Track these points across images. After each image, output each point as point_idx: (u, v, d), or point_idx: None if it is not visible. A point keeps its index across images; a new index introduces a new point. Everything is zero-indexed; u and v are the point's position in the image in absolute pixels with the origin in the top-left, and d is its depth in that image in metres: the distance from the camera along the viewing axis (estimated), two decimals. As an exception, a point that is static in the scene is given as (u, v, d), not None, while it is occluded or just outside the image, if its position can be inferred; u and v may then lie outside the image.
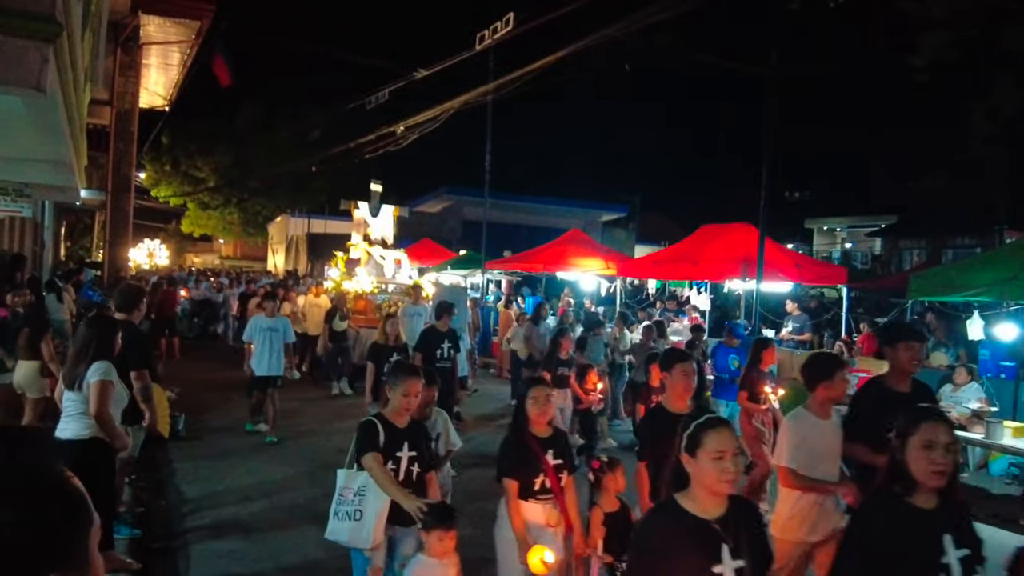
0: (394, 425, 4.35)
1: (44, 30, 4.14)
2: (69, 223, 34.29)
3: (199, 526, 6.66)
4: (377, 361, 8.40)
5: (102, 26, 9.53)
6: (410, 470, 4.34)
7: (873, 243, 44.67)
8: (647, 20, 9.79)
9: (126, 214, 17.47)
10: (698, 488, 2.74)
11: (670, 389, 4.82)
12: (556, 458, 4.41)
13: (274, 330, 9.97)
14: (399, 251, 17.13)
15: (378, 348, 8.71)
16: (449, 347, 9.30)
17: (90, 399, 4.97)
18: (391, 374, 4.50)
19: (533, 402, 4.41)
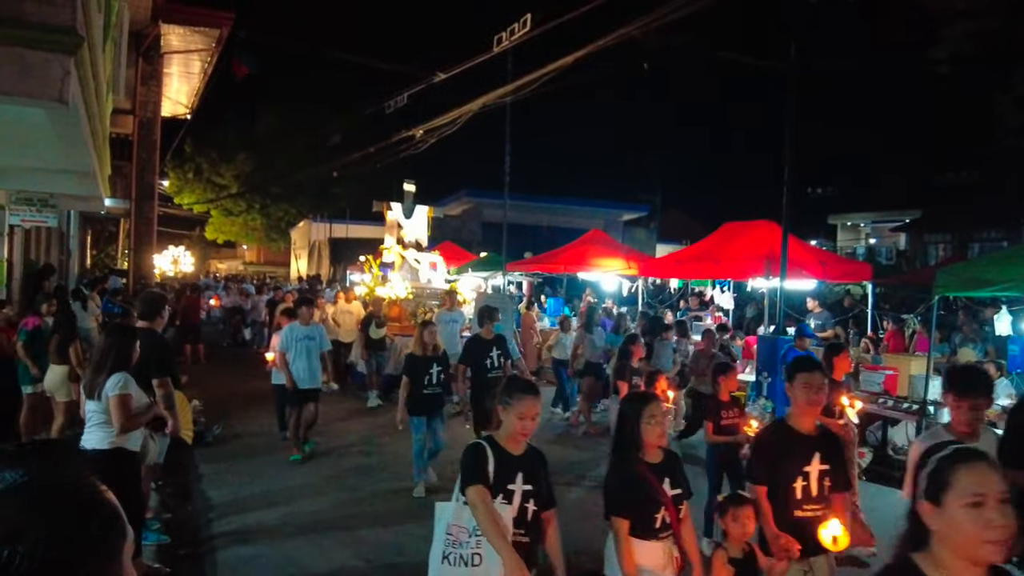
0: (507, 452, 3.62)
1: (65, 42, 4.18)
2: (94, 231, 34.67)
3: (225, 531, 6.70)
4: (413, 374, 7.89)
5: (123, 36, 9.62)
6: (524, 507, 3.61)
7: (897, 238, 44.16)
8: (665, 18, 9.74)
9: (150, 222, 17.65)
10: (946, 550, 2.00)
11: (794, 404, 4.15)
12: (674, 487, 3.79)
13: (311, 339, 9.20)
14: (434, 253, 16.26)
15: (415, 359, 8.03)
16: (499, 355, 8.49)
17: (112, 415, 5.01)
18: (504, 392, 3.70)
19: (649, 422, 3.75)
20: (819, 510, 3.96)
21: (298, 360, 9.05)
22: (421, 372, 7.88)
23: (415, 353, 8.05)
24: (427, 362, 7.95)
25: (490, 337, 8.58)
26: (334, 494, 7.82)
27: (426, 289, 15.16)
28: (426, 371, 7.88)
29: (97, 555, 1.02)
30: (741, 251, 13.75)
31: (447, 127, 17.53)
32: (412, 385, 7.85)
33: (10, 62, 4.06)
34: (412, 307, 14.32)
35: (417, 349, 8.07)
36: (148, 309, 6.52)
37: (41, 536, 0.96)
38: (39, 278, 12.66)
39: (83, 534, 1.00)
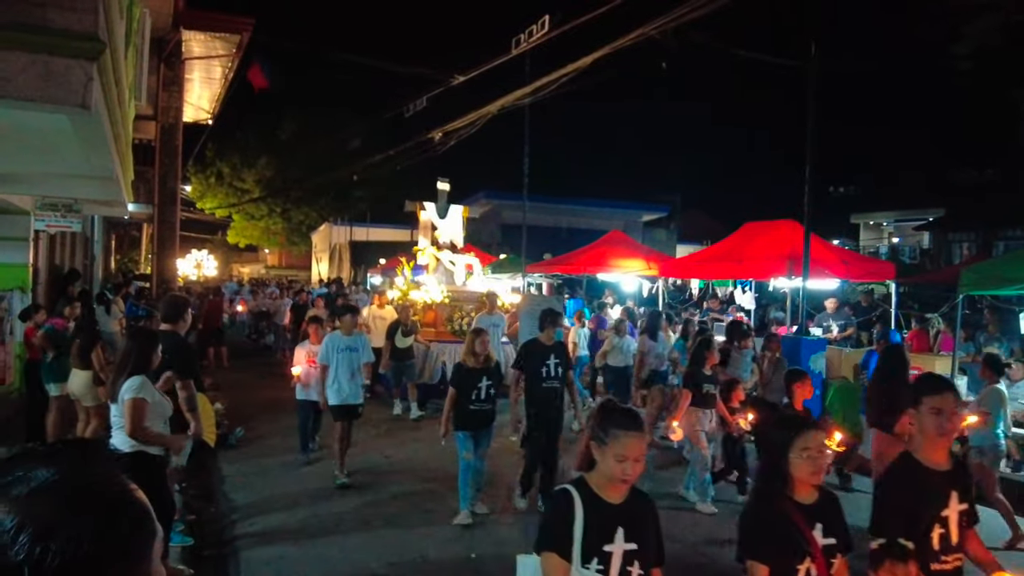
0: (604, 501, 2.91)
1: (88, 48, 4.21)
2: (118, 236, 35.04)
3: (249, 533, 6.74)
4: (462, 387, 7.26)
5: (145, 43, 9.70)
6: (627, 571, 2.88)
7: (921, 237, 43.68)
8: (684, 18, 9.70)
9: (173, 226, 17.80)
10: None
11: (922, 432, 3.37)
12: (827, 535, 3.07)
13: (353, 350, 8.47)
14: (469, 255, 15.38)
15: (464, 372, 7.34)
16: (557, 364, 7.59)
17: (124, 418, 5.05)
18: (598, 425, 2.96)
19: (801, 455, 3.04)
20: (958, 561, 3.34)
21: (340, 373, 8.34)
22: (470, 385, 7.24)
23: (465, 363, 7.37)
24: (477, 374, 7.28)
25: (550, 343, 7.73)
26: (357, 496, 7.84)
27: (463, 292, 14.34)
28: (475, 384, 7.22)
29: (127, 554, 1.03)
30: (763, 251, 13.67)
31: (466, 129, 17.57)
32: (459, 398, 7.25)
33: (34, 69, 4.10)
34: (448, 312, 13.60)
35: (467, 359, 7.37)
36: (171, 312, 6.58)
37: (72, 534, 0.98)
38: (65, 283, 12.82)
39: (113, 532, 1.01)
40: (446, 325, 13.38)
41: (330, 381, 8.35)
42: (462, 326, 12.81)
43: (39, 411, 9.00)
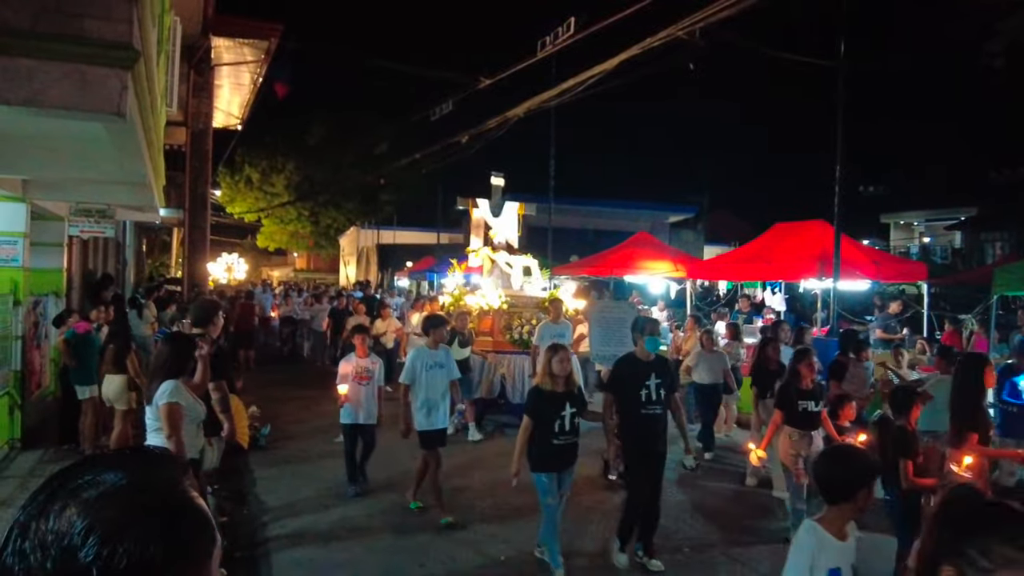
0: None
1: (122, 57, 4.29)
2: (149, 241, 35.47)
3: (280, 535, 6.79)
4: (539, 414, 6.08)
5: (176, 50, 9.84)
6: None
7: (952, 236, 43.10)
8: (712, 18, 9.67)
9: (203, 231, 17.99)
10: None
11: None
12: None
13: (440, 366, 7.39)
14: (527, 256, 13.97)
15: (542, 396, 6.12)
16: (659, 384, 6.33)
17: (162, 423, 5.12)
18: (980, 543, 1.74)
19: None
20: None
21: (430, 394, 7.29)
22: (551, 413, 6.01)
23: (542, 387, 6.15)
24: (559, 400, 6.05)
25: (648, 359, 6.47)
26: (387, 498, 7.87)
27: (521, 297, 12.93)
28: (557, 412, 6.01)
29: (187, 557, 1.05)
30: (793, 251, 13.59)
31: (492, 132, 17.62)
32: (537, 430, 6.04)
33: (71, 78, 4.19)
34: (505, 319, 12.24)
35: (545, 382, 6.13)
36: (202, 316, 6.65)
37: (140, 536, 1.01)
38: (98, 288, 13.01)
39: (177, 535, 1.04)
40: (504, 334, 12.11)
41: (418, 403, 7.25)
42: (522, 335, 11.95)
43: (73, 414, 9.14)
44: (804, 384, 7.02)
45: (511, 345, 11.98)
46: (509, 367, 11.68)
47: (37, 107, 4.20)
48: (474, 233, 14.22)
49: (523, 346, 11.75)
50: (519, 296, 12.88)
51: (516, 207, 14.17)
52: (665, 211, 37.00)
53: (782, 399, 7.10)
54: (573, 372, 6.32)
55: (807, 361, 7.14)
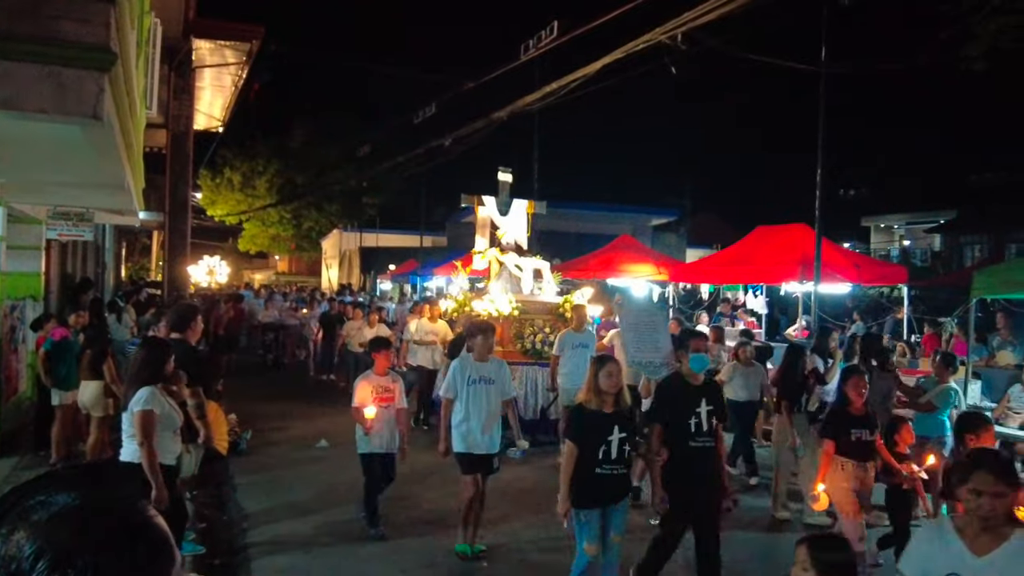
0: None
1: (100, 60, 4.24)
2: (129, 244, 35.20)
3: (260, 541, 6.73)
4: (583, 438, 5.15)
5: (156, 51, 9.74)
6: None
7: (932, 240, 43.52)
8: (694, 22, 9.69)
9: (184, 234, 17.83)
10: None
11: None
12: None
13: (487, 381, 6.47)
14: (537, 258, 12.88)
15: (586, 418, 5.20)
16: (710, 412, 5.52)
17: (135, 430, 5.06)
18: None
19: None
20: None
21: (472, 412, 6.38)
22: (596, 438, 5.10)
23: (587, 406, 5.23)
24: (606, 422, 5.12)
25: (696, 382, 5.64)
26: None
27: (533, 303, 11.98)
28: (603, 437, 5.08)
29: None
30: (774, 255, 13.65)
31: (475, 135, 17.60)
32: (580, 457, 5.11)
33: (47, 81, 4.13)
34: (516, 326, 11.42)
35: (589, 399, 5.22)
36: (180, 320, 6.60)
37: (90, 561, 0.97)
38: (77, 292, 12.88)
39: (132, 558, 1.01)
40: (515, 343, 11.28)
41: (457, 420, 6.42)
42: (535, 344, 11.26)
43: (48, 421, 9.03)
44: (855, 409, 6.14)
45: (522, 355, 11.14)
46: (520, 379, 10.78)
47: (12, 109, 4.14)
48: (479, 233, 13.17)
49: (536, 356, 11.10)
50: (530, 301, 11.94)
51: (525, 205, 13.16)
52: (648, 214, 37.11)
53: (832, 427, 6.21)
54: (624, 390, 5.28)
55: (856, 383, 6.20)
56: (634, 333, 8.45)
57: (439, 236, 36.86)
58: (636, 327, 8.53)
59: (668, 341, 7.93)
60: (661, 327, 8.25)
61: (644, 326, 8.40)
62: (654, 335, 8.02)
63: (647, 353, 7.95)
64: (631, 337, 8.41)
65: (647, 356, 7.96)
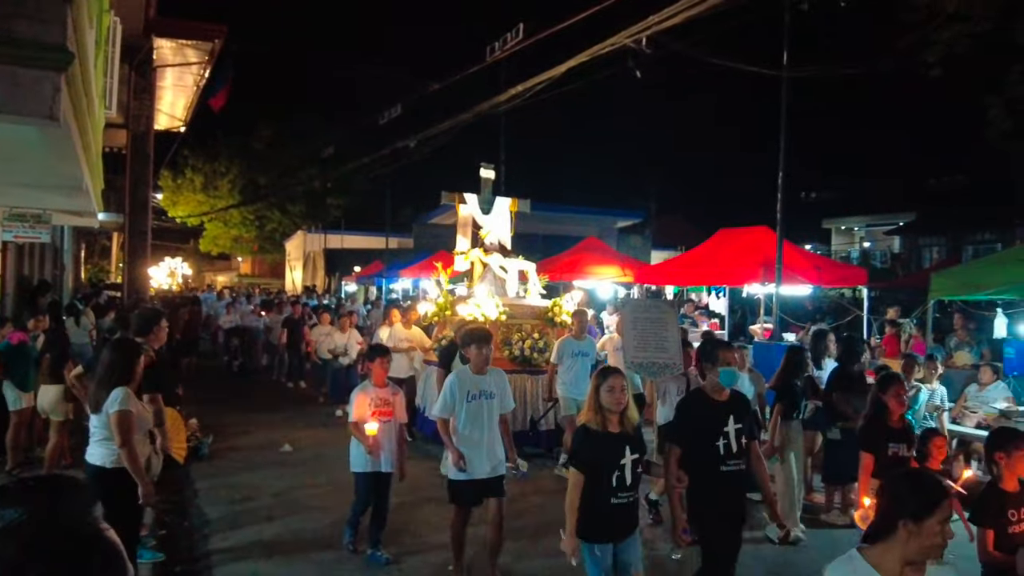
0: None
1: (56, 60, 4.17)
2: (88, 245, 34.62)
3: (221, 548, 6.64)
4: (591, 464, 4.51)
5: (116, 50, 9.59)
6: None
7: (892, 241, 44.29)
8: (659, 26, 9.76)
9: (144, 235, 17.58)
10: None
11: None
12: None
13: (487, 395, 5.81)
14: (520, 259, 12.18)
15: (594, 440, 4.55)
16: (739, 431, 4.86)
17: (113, 432, 4.98)
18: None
19: None
20: None
21: (473, 431, 5.73)
22: (606, 463, 4.49)
23: (591, 427, 4.59)
24: (615, 444, 4.52)
25: (722, 398, 4.96)
26: (334, 510, 7.74)
27: (520, 307, 11.30)
28: (614, 461, 4.48)
29: None
30: (737, 257, 13.80)
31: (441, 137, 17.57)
32: (590, 486, 4.48)
33: (2, 80, 4.06)
34: (504, 332, 10.71)
35: (593, 418, 4.60)
36: (143, 325, 6.50)
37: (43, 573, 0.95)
38: (34, 294, 12.63)
39: (84, 571, 0.99)
40: (502, 349, 10.45)
41: (454, 443, 5.75)
42: (523, 351, 10.59)
43: (6, 426, 8.85)
44: (893, 422, 5.60)
45: (511, 363, 10.33)
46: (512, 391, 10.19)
47: (-35, 110, 4.06)
48: (461, 232, 12.50)
49: (524, 363, 10.50)
50: (517, 305, 11.28)
51: (508, 203, 12.45)
52: (614, 216, 37.29)
53: (869, 440, 5.61)
54: (630, 407, 4.65)
55: (898, 391, 5.65)
56: (636, 330, 7.82)
57: (405, 238, 36.69)
58: (638, 323, 7.90)
59: (677, 342, 7.40)
60: (669, 325, 7.59)
61: (649, 322, 7.82)
62: (660, 332, 7.49)
63: (650, 352, 7.43)
64: (632, 334, 7.79)
65: (650, 356, 7.44)
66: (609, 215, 36.94)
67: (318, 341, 14.08)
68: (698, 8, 8.99)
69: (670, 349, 7.21)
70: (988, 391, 9.45)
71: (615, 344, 9.96)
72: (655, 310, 8.21)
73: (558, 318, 10.99)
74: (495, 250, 11.91)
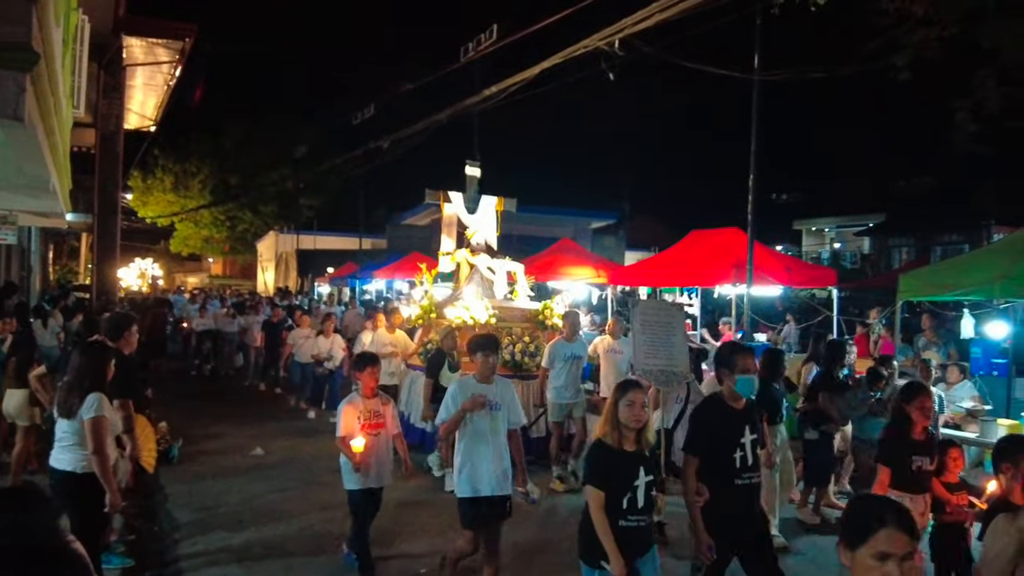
0: None
1: (20, 59, 4.10)
2: (56, 246, 34.14)
3: (191, 553, 6.58)
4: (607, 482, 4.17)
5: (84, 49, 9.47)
6: None
7: (861, 242, 44.86)
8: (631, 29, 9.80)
9: (113, 236, 17.36)
10: None
11: None
12: None
13: (495, 407, 5.34)
14: (507, 260, 11.82)
15: (609, 458, 4.22)
16: (754, 442, 4.72)
17: (87, 438, 4.92)
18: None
19: None
20: None
21: (478, 445, 5.28)
22: (621, 482, 4.18)
23: (607, 442, 4.27)
24: (630, 463, 4.23)
25: (738, 406, 4.77)
26: (304, 514, 7.70)
27: (509, 309, 10.91)
28: (629, 481, 4.18)
29: None
30: (709, 258, 13.88)
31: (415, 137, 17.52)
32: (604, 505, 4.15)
33: (-36, 80, 3.99)
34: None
35: (609, 434, 4.27)
36: (114, 330, 6.44)
37: None
38: (1, 296, 12.43)
39: None
40: None
41: (459, 457, 5.35)
42: (514, 355, 10.13)
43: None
44: (917, 433, 5.30)
45: (501, 368, 9.47)
46: None
47: (-74, 110, 3.98)
48: (445, 232, 12.03)
49: (515, 368, 10.04)
50: (506, 308, 10.89)
51: (495, 202, 12.07)
52: (588, 217, 37.45)
53: (890, 453, 5.28)
54: (649, 425, 4.35)
55: (924, 402, 5.30)
56: (645, 335, 7.40)
57: (379, 238, 36.58)
58: (647, 327, 7.46)
59: (684, 348, 7.06)
60: (677, 329, 7.26)
61: (659, 326, 7.43)
62: (669, 338, 7.18)
63: (661, 359, 7.09)
64: (641, 340, 7.36)
65: (660, 362, 7.09)
66: (583, 216, 37.08)
67: (297, 345, 13.23)
68: (670, 11, 9.03)
69: (678, 357, 6.92)
70: (955, 390, 9.60)
71: (606, 346, 9.71)
72: (664, 313, 7.78)
73: (549, 321, 10.66)
74: (482, 250, 11.59)
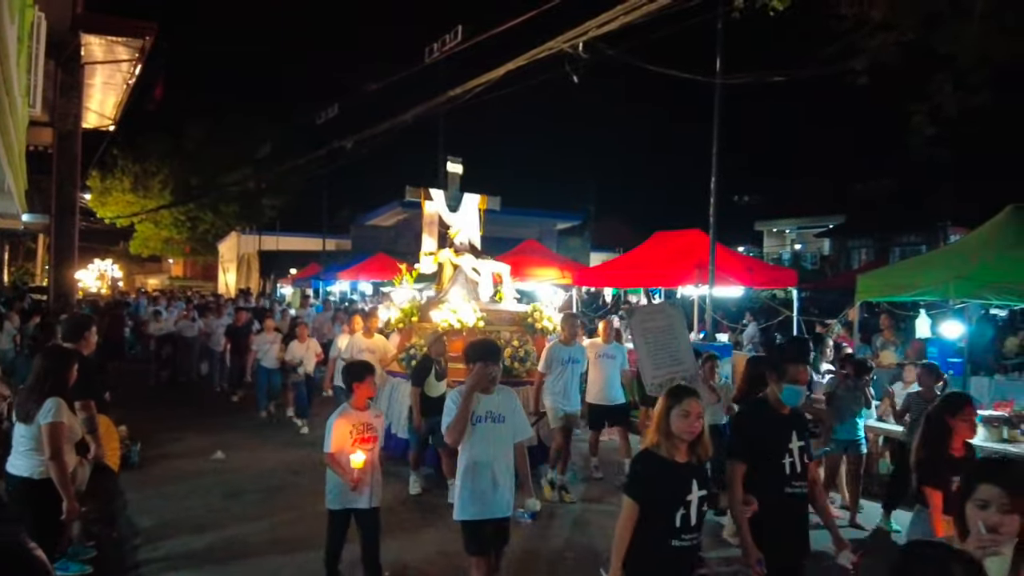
0: None
1: (-26, 57, 4.03)
2: (12, 247, 33.45)
3: (152, 558, 6.49)
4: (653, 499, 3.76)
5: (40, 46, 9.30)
6: None
7: (822, 244, 45.53)
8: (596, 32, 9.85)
9: (71, 237, 17.06)
10: None
11: None
12: None
13: (498, 419, 4.87)
14: (492, 260, 11.43)
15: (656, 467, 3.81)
16: (802, 449, 4.37)
17: (44, 444, 4.83)
18: None
19: None
20: None
21: (480, 460, 4.82)
22: (670, 497, 3.75)
23: (658, 453, 3.83)
24: (682, 476, 3.79)
25: (786, 411, 4.45)
26: (266, 518, 7.63)
27: (497, 312, 10.44)
28: (681, 496, 3.75)
29: None
30: (672, 259, 14.01)
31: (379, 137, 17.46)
32: (647, 523, 3.74)
33: (-85, 78, 3.90)
34: None
35: (661, 443, 3.84)
36: (73, 331, 6.35)
37: None
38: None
39: None
40: None
41: (460, 472, 4.90)
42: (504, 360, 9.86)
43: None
44: (956, 449, 4.56)
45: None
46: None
47: None
48: (427, 231, 11.49)
49: (505, 374, 8.99)
50: (494, 311, 10.42)
51: (477, 200, 11.58)
52: (553, 218, 37.57)
53: (934, 473, 4.48)
54: (705, 436, 3.85)
55: (969, 413, 4.61)
56: (648, 345, 6.77)
57: (343, 239, 36.33)
58: (648, 335, 6.87)
59: (688, 347, 6.61)
60: (677, 329, 6.73)
61: (659, 332, 6.86)
62: (672, 342, 6.75)
63: (668, 368, 6.60)
64: (644, 351, 6.75)
65: (669, 371, 6.58)
66: (549, 217, 37.18)
67: (261, 349, 12.60)
68: (634, 15, 9.10)
69: (684, 359, 6.59)
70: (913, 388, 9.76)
71: (598, 351, 9.25)
72: (660, 315, 7.26)
73: (539, 324, 10.31)
74: (466, 250, 11.08)
